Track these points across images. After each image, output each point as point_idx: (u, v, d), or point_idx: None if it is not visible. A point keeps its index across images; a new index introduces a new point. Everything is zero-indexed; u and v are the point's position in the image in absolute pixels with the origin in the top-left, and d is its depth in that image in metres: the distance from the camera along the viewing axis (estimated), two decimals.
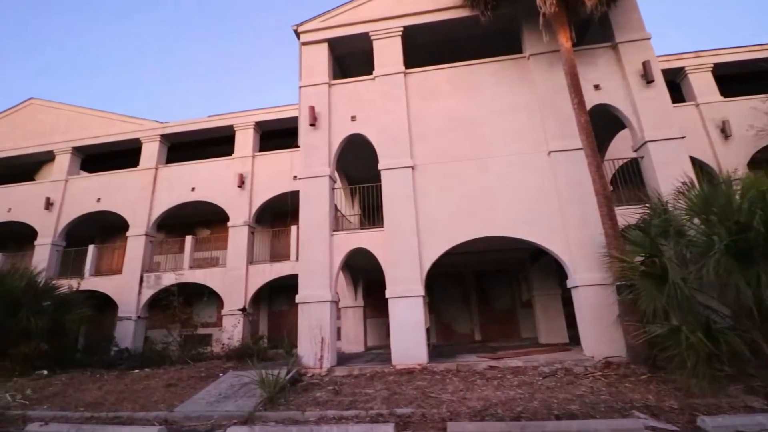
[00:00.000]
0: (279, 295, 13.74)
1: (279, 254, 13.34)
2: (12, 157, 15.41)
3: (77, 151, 14.80)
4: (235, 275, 12.06)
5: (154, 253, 13.88)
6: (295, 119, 13.57)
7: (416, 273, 7.80)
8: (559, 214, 7.77)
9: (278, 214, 14.15)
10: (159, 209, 13.35)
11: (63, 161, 14.62)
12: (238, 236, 12.46)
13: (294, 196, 12.91)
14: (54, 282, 10.29)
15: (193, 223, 15.09)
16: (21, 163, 15.93)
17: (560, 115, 8.30)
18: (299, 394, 6.42)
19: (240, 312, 11.68)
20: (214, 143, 14.66)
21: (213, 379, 7.72)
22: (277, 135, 14.29)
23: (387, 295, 7.82)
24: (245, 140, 13.53)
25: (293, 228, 12.43)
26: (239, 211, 12.69)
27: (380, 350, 10.98)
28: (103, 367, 10.17)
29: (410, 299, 7.65)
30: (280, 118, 13.60)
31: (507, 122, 8.55)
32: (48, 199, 13.95)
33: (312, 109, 9.12)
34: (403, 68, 9.22)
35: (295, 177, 12.74)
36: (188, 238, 13.04)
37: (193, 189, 13.30)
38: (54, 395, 7.44)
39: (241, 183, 12.82)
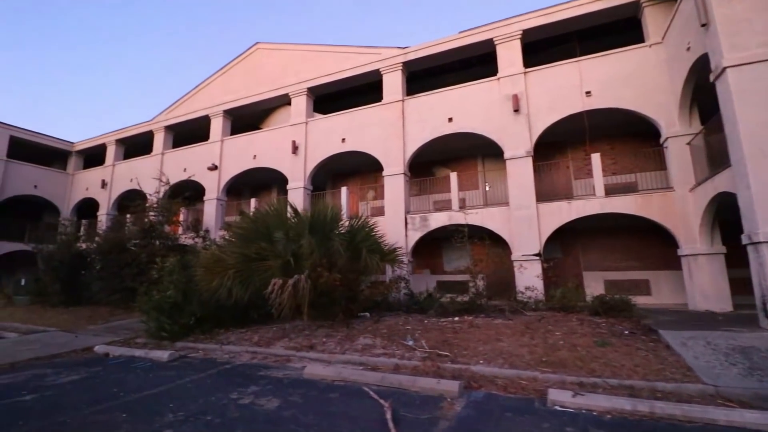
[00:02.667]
0: (551, 241, 11.65)
1: (547, 193, 11.10)
2: (247, 105, 15.59)
3: (311, 91, 14.21)
4: (522, 215, 10.21)
5: None
6: (579, 18, 10.51)
7: None
8: None
9: (541, 144, 11.78)
10: (412, 146, 12.02)
11: (299, 103, 14.18)
12: (518, 170, 10.46)
13: (591, 115, 10.41)
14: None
15: (430, 162, 13.70)
16: (249, 113, 16.14)
17: None
18: None
19: (536, 258, 9.90)
20: (461, 67, 12.68)
21: (625, 339, 5.92)
22: (548, 45, 11.63)
23: None
24: (511, 55, 11.11)
25: (595, 156, 9.98)
26: (516, 140, 10.60)
27: (750, 310, 8.22)
28: (404, 312, 9.45)
29: None
30: (556, 21, 10.73)
31: None
32: (294, 142, 13.70)
33: None
34: None
35: (587, 92, 10.12)
36: (453, 175, 11.53)
37: (450, 119, 11.57)
38: (442, 344, 6.40)
39: (517, 106, 10.61)
